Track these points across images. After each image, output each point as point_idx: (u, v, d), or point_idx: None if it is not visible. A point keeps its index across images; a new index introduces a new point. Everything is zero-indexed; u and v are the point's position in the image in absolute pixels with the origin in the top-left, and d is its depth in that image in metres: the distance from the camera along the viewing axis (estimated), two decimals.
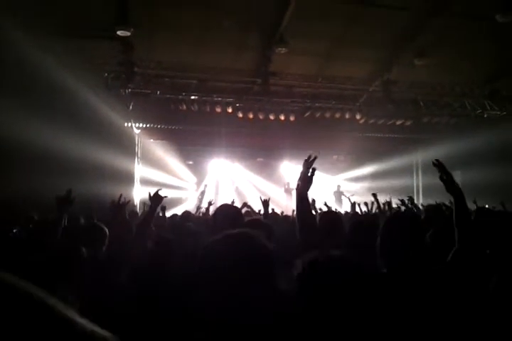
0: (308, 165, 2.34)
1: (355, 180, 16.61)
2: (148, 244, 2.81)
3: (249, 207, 5.91)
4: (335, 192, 15.77)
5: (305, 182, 2.32)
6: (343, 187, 16.00)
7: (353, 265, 1.45)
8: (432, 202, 7.02)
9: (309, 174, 2.32)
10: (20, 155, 7.19)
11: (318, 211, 5.59)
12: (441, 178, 2.30)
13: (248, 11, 8.86)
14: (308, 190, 2.33)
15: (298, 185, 2.35)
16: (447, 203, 4.42)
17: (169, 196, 3.17)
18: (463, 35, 9.41)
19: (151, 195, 2.93)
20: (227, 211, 2.75)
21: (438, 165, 2.33)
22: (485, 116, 12.44)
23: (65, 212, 2.94)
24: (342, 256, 1.50)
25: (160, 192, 2.91)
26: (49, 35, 6.76)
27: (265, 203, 4.45)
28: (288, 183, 15.79)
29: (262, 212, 4.95)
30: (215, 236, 1.39)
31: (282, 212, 8.35)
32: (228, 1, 8.67)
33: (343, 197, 14.12)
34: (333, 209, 6.59)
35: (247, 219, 2.98)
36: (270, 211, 5.66)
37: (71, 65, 7.94)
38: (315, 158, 2.35)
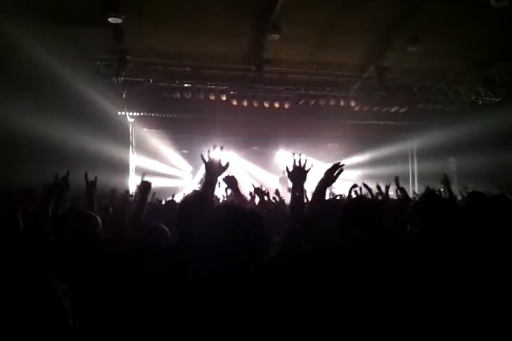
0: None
1: (351, 168, 16.60)
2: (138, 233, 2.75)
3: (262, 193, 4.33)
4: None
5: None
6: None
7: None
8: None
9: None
10: (21, 147, 7.11)
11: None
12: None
13: None
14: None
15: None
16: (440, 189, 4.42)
17: (163, 185, 3.05)
18: (456, 20, 9.30)
19: (138, 184, 2.84)
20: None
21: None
22: (480, 102, 12.41)
23: (53, 199, 2.86)
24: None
25: (145, 179, 2.82)
26: (36, 24, 6.63)
27: (258, 191, 4.05)
28: (284, 172, 15.67)
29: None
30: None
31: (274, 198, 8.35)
32: None
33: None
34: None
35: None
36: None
37: (61, 54, 7.82)
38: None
